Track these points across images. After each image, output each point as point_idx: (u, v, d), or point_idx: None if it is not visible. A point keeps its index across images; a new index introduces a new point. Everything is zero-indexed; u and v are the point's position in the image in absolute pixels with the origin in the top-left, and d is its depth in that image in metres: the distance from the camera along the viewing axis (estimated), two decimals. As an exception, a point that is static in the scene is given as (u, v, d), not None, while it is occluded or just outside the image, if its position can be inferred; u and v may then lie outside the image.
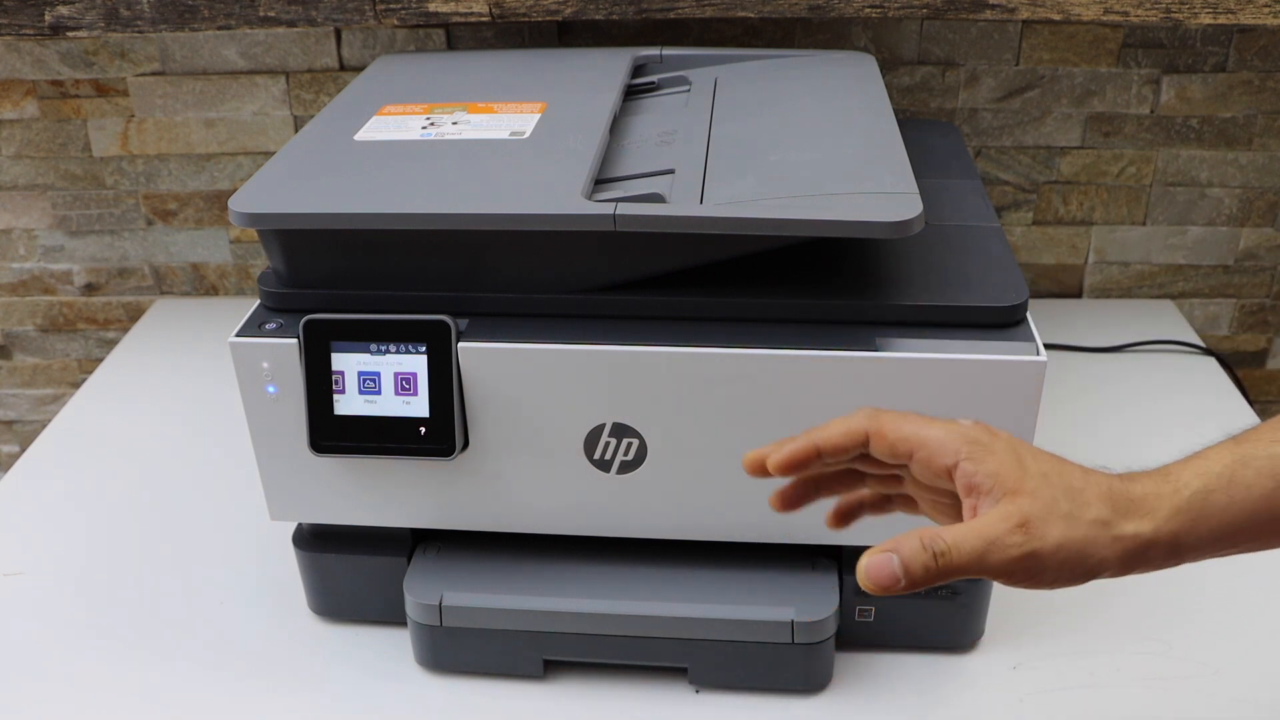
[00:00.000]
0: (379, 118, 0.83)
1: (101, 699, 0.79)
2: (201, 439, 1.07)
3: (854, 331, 0.69)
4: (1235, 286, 1.29)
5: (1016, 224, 1.26)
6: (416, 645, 0.79)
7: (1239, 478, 0.51)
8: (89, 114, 1.23)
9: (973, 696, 0.78)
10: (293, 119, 1.22)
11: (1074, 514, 0.50)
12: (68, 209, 1.29)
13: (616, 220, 0.66)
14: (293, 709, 0.78)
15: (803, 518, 0.74)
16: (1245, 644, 0.82)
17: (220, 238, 1.31)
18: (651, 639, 0.75)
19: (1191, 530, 0.51)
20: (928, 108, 1.19)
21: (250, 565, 0.91)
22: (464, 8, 1.05)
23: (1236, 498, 0.51)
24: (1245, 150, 1.20)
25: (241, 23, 1.07)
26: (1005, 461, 0.51)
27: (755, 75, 0.95)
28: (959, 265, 0.74)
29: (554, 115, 0.82)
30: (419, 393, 0.70)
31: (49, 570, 0.92)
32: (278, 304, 0.73)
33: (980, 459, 0.51)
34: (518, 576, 0.77)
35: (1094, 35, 1.15)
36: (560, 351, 0.69)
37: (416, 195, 0.71)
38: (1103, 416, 1.07)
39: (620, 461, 0.72)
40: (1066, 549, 0.49)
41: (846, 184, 0.69)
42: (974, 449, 0.51)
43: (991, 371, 0.67)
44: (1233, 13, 1.02)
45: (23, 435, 1.45)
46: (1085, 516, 0.50)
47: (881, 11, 1.03)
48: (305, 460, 0.73)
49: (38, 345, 1.39)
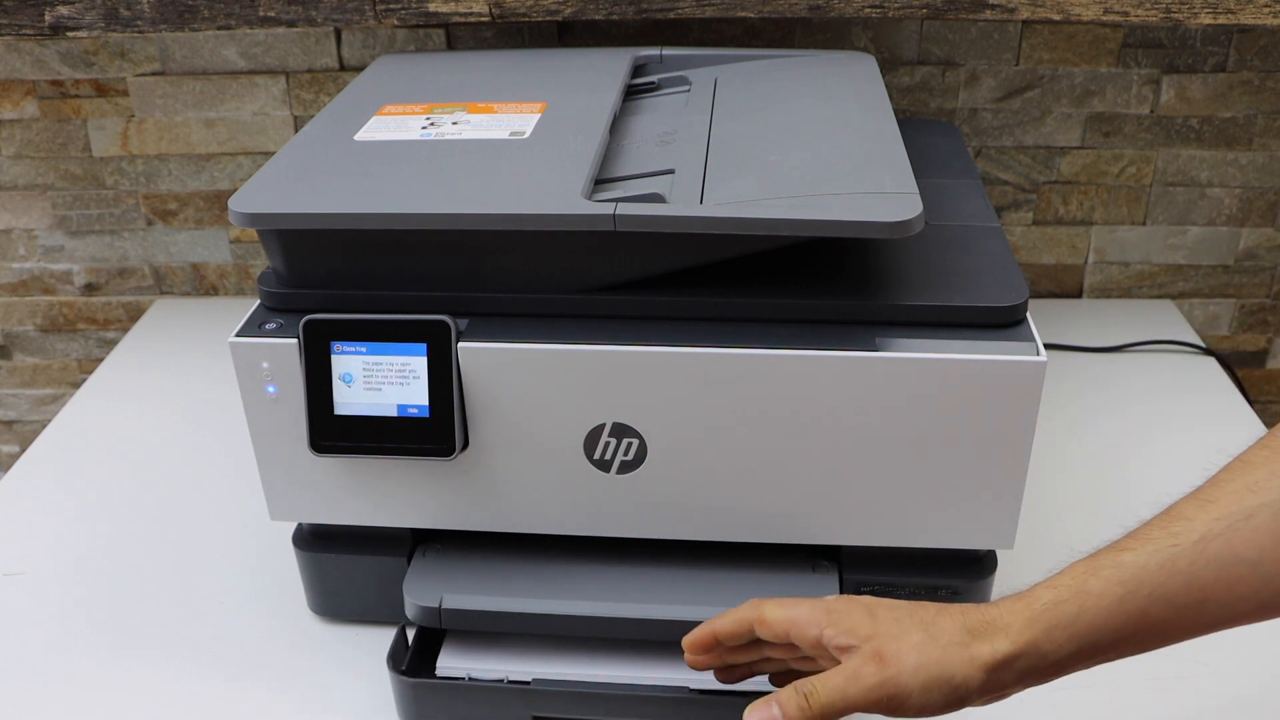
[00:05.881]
0: (379, 118, 0.83)
1: (101, 699, 0.79)
2: (201, 439, 1.07)
3: (854, 331, 0.69)
4: (1235, 286, 1.29)
5: (1016, 224, 1.26)
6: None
7: (1088, 587, 0.54)
8: (89, 114, 1.23)
9: (973, 696, 0.78)
10: (293, 119, 1.22)
11: (928, 640, 0.55)
12: (68, 209, 1.29)
13: (616, 220, 0.66)
14: (293, 709, 0.78)
15: (803, 518, 0.74)
16: (1245, 644, 0.81)
17: (220, 238, 1.31)
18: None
19: (1049, 639, 0.54)
20: (928, 108, 1.19)
21: (250, 565, 0.91)
22: (464, 8, 1.05)
23: (1087, 606, 0.53)
24: (1245, 150, 1.20)
25: (241, 23, 1.07)
26: (859, 618, 0.57)
27: (755, 75, 0.94)
28: (959, 265, 0.74)
29: (554, 115, 0.82)
30: (419, 393, 0.70)
31: (49, 570, 0.92)
32: (278, 304, 0.73)
33: (837, 622, 0.57)
34: (518, 577, 0.77)
35: (1094, 35, 1.15)
36: (560, 351, 0.69)
37: (416, 195, 0.71)
38: (1103, 416, 1.07)
39: (620, 461, 0.72)
40: (925, 670, 0.54)
41: (846, 184, 0.69)
42: (831, 616, 0.58)
43: (991, 371, 0.67)
44: (1233, 13, 1.02)
45: (23, 435, 1.45)
46: (940, 640, 0.55)
47: (881, 11, 1.03)
48: (305, 460, 0.73)
49: (38, 345, 1.39)
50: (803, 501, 0.73)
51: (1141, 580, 0.53)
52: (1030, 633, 0.54)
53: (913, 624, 0.56)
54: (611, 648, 0.76)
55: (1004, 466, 0.70)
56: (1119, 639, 0.54)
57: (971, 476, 0.71)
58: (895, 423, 0.69)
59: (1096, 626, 0.53)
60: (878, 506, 0.73)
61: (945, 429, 0.69)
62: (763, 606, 0.61)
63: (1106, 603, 0.53)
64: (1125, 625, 0.53)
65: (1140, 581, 0.53)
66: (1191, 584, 0.52)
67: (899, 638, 0.55)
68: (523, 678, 0.74)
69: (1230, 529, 0.51)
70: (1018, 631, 0.54)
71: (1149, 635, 0.54)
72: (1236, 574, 0.51)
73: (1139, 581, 0.53)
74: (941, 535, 0.73)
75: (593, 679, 0.75)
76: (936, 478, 0.71)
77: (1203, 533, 0.52)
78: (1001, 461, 0.70)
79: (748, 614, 0.61)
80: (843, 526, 0.74)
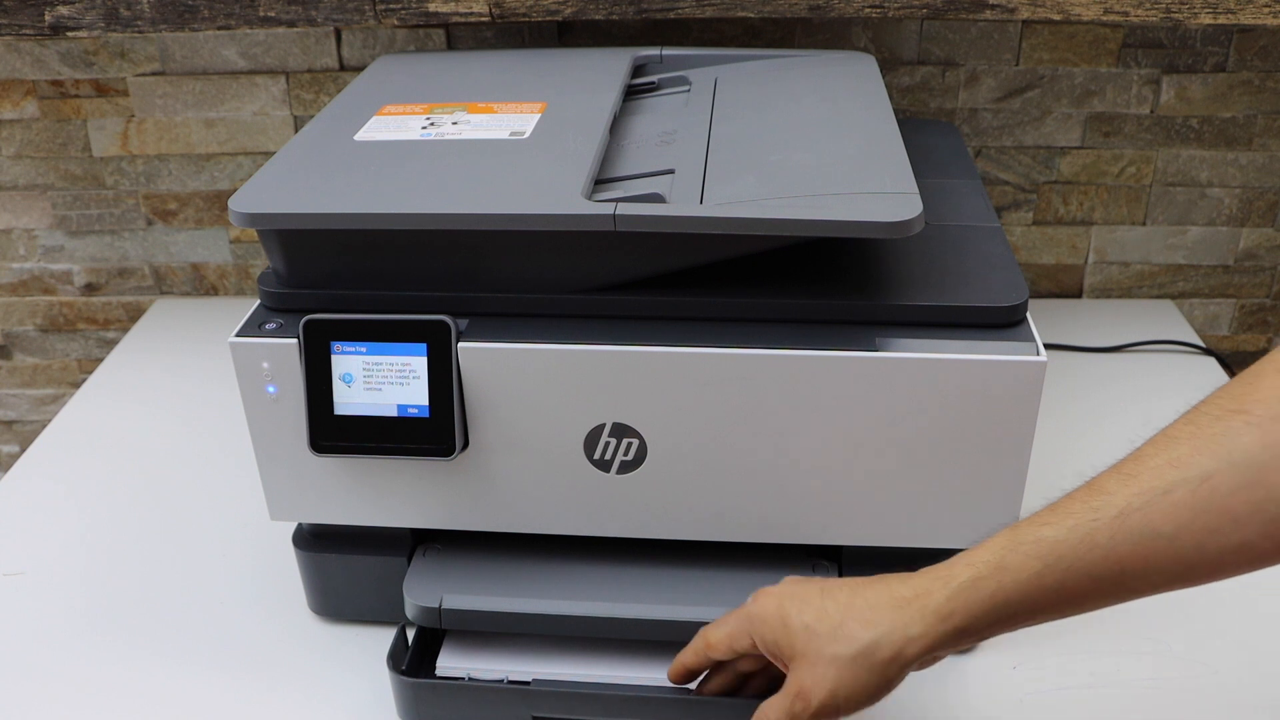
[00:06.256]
0: (379, 118, 0.83)
1: (101, 699, 0.79)
2: (201, 439, 1.07)
3: (854, 331, 0.69)
4: (1235, 286, 1.29)
5: (1016, 224, 1.26)
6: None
7: (1006, 562, 0.55)
8: (89, 114, 1.23)
9: (973, 696, 0.78)
10: (293, 119, 1.22)
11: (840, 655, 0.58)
12: (68, 209, 1.29)
13: (616, 220, 0.66)
14: (293, 709, 0.78)
15: (803, 518, 0.74)
16: (1245, 644, 0.82)
17: (220, 238, 1.31)
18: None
19: (966, 613, 0.56)
20: (928, 108, 1.19)
21: (250, 565, 0.91)
22: (464, 8, 1.05)
23: (1005, 582, 0.55)
24: (1245, 150, 1.20)
25: (241, 23, 1.07)
26: (775, 629, 0.60)
27: (755, 75, 0.94)
28: (959, 265, 0.74)
29: (554, 115, 0.82)
30: (419, 393, 0.70)
31: (49, 570, 0.92)
32: (278, 304, 0.73)
33: (759, 632, 0.61)
34: (518, 577, 0.77)
35: (1094, 35, 1.15)
36: (560, 351, 0.69)
37: (416, 195, 0.71)
38: (1103, 416, 1.07)
39: (620, 461, 0.72)
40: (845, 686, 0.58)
41: (846, 184, 0.69)
42: (754, 625, 0.62)
43: (991, 371, 0.67)
44: (1233, 13, 1.02)
45: (23, 435, 1.45)
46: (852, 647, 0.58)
47: (881, 11, 1.03)
48: (305, 460, 0.73)
49: (38, 345, 1.39)
50: (803, 501, 0.73)
51: (1060, 555, 0.54)
52: (948, 611, 0.56)
53: (825, 634, 0.58)
54: (611, 648, 0.76)
55: (1004, 466, 0.70)
56: (1036, 609, 0.55)
57: (971, 476, 0.71)
58: (895, 423, 0.69)
59: (1013, 601, 0.55)
60: (878, 506, 0.73)
61: (945, 429, 0.69)
62: (706, 633, 0.65)
63: (1024, 577, 0.55)
64: (1043, 597, 0.55)
65: (1059, 556, 0.54)
66: (1110, 557, 0.53)
67: (814, 660, 0.58)
68: (522, 678, 0.74)
69: (1148, 504, 0.52)
70: (933, 613, 0.57)
71: (1066, 605, 0.55)
72: (1153, 548, 0.52)
73: (1057, 556, 0.54)
74: (941, 535, 0.73)
75: (592, 679, 0.75)
76: (936, 478, 0.71)
77: (1121, 507, 0.53)
78: (1001, 461, 0.70)
79: (698, 644, 0.66)
80: (843, 526, 0.74)
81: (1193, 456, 0.52)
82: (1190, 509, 0.51)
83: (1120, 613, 0.83)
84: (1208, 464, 0.51)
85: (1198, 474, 0.51)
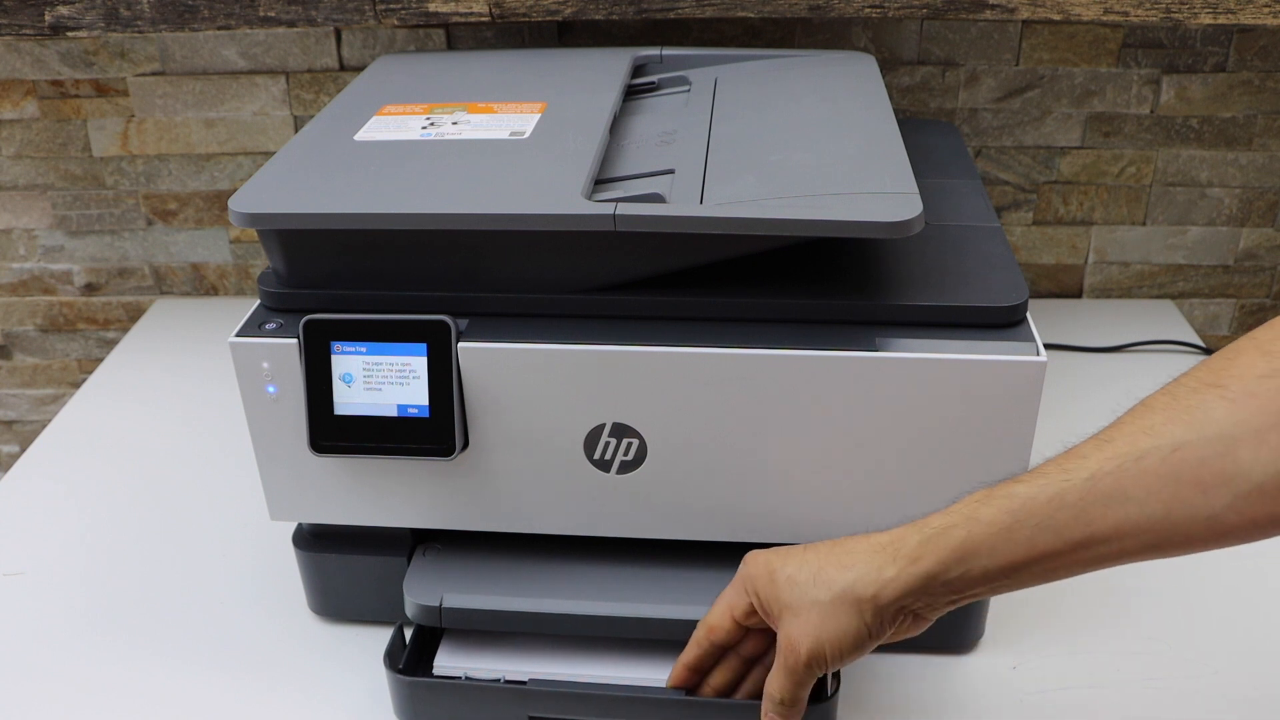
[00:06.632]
0: (379, 118, 0.83)
1: (101, 699, 0.79)
2: (201, 439, 1.07)
3: (854, 331, 0.69)
4: (1235, 287, 1.29)
5: (1016, 224, 1.26)
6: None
7: (978, 514, 0.56)
8: (89, 114, 1.23)
9: (973, 696, 0.78)
10: (293, 119, 1.22)
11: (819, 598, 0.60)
12: (68, 209, 1.29)
13: (616, 220, 0.66)
14: (292, 708, 0.78)
15: (803, 518, 0.74)
16: (1245, 644, 0.82)
17: (220, 238, 1.31)
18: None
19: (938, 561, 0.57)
20: (928, 108, 1.19)
21: (250, 565, 0.91)
22: (464, 8, 1.05)
23: (975, 532, 0.56)
24: (1245, 150, 1.20)
25: (241, 23, 1.07)
26: (765, 584, 0.62)
27: (755, 75, 0.94)
28: (959, 265, 0.74)
29: (554, 115, 0.82)
30: (419, 393, 0.70)
31: (49, 570, 0.92)
32: (278, 304, 0.73)
33: (754, 589, 0.63)
34: (518, 577, 0.77)
35: (1094, 35, 1.15)
36: (560, 351, 0.69)
37: (416, 195, 0.71)
38: (1103, 416, 1.06)
39: (620, 461, 0.72)
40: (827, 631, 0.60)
41: (846, 184, 0.69)
42: (748, 583, 0.64)
43: (991, 371, 0.67)
44: (1233, 13, 1.02)
45: (23, 435, 1.45)
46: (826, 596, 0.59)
47: (881, 11, 1.03)
48: (305, 460, 0.73)
49: (38, 345, 1.39)
50: (803, 501, 0.73)
51: (1031, 511, 0.55)
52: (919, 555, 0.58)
53: (807, 580, 0.60)
54: (608, 647, 0.76)
55: (1004, 466, 0.70)
56: (1007, 565, 0.56)
57: (971, 476, 0.71)
58: (895, 423, 0.69)
59: (982, 551, 0.56)
60: (878, 506, 0.73)
61: (945, 429, 0.69)
62: (704, 620, 0.67)
63: (994, 530, 0.55)
64: (1014, 552, 0.55)
65: (1030, 512, 0.55)
66: (1079, 518, 0.53)
67: (797, 612, 0.60)
68: (519, 677, 0.74)
69: (1120, 469, 0.52)
70: (905, 556, 0.58)
71: (1037, 565, 0.55)
72: (1122, 512, 0.52)
73: (1028, 512, 0.55)
74: (941, 535, 0.73)
75: (589, 679, 0.75)
76: (936, 478, 0.71)
77: (1094, 470, 0.53)
78: (1001, 461, 0.70)
79: (698, 634, 0.67)
80: (842, 526, 0.74)
81: (1166, 425, 0.52)
82: (1159, 476, 0.51)
83: (1120, 613, 0.84)
84: (1180, 434, 0.51)
85: (1169, 443, 0.51)
